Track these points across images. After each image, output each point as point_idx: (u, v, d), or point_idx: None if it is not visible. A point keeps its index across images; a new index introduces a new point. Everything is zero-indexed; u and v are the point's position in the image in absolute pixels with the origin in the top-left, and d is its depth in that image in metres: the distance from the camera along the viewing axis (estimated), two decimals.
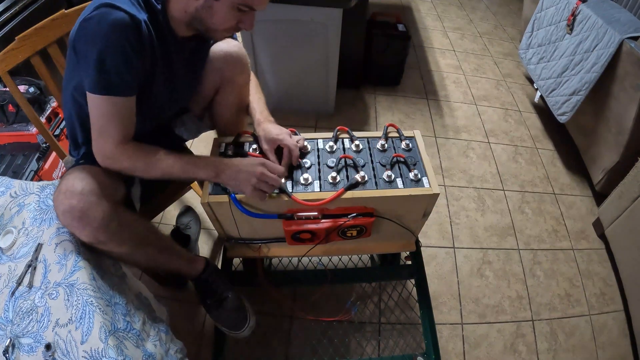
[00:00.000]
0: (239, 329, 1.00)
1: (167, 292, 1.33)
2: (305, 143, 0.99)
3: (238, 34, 1.13)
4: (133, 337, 0.77)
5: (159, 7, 0.78)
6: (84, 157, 0.91)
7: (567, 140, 2.02)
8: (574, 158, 1.99)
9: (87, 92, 0.75)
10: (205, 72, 1.02)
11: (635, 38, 1.46)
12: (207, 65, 1.01)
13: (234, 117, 1.08)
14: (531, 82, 2.53)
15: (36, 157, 1.38)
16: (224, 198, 0.87)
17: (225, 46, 1.01)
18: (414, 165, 0.94)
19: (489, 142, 2.08)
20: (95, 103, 0.76)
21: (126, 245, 0.81)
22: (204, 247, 1.49)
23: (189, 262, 1.01)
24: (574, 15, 1.77)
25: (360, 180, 0.89)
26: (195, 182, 1.34)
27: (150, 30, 0.77)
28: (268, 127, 0.97)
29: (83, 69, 0.74)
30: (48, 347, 0.67)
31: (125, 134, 0.80)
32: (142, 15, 0.74)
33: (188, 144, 1.71)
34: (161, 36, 0.80)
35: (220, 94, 1.06)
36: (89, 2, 0.75)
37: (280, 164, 0.92)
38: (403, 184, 0.90)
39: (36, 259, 0.77)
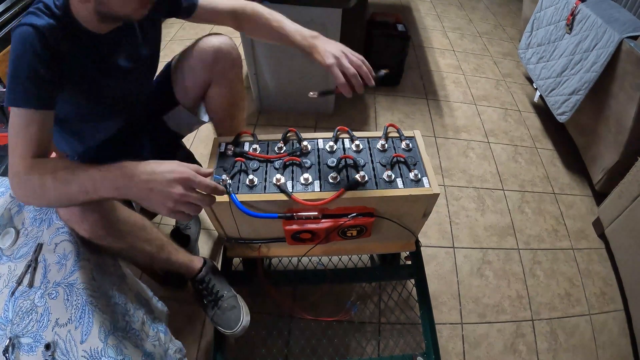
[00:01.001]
0: (232, 328, 1.00)
1: (167, 292, 1.33)
2: (306, 143, 0.99)
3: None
4: (132, 337, 0.77)
5: (59, 12, 0.74)
6: (81, 158, 0.91)
7: (566, 139, 2.02)
8: (573, 157, 1.99)
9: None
10: (194, 66, 1.02)
11: (634, 37, 1.47)
12: (196, 60, 1.01)
13: (228, 111, 1.08)
14: (531, 81, 2.53)
15: None
16: (224, 198, 0.87)
17: (215, 41, 1.01)
18: (414, 165, 0.94)
19: (488, 142, 2.08)
20: (15, 118, 0.71)
21: (125, 241, 0.82)
22: (204, 247, 1.48)
23: (188, 261, 1.01)
24: (573, 14, 1.78)
25: (360, 180, 0.89)
26: None
27: (59, 35, 0.73)
28: (324, 47, 0.89)
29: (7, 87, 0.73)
30: (48, 346, 0.67)
31: (33, 150, 0.70)
32: (43, 21, 0.71)
33: (188, 143, 1.71)
34: (76, 39, 0.77)
35: (212, 88, 1.06)
36: None
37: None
38: (403, 184, 0.90)
39: (36, 259, 0.77)
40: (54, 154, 0.95)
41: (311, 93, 0.83)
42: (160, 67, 1.11)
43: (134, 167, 0.66)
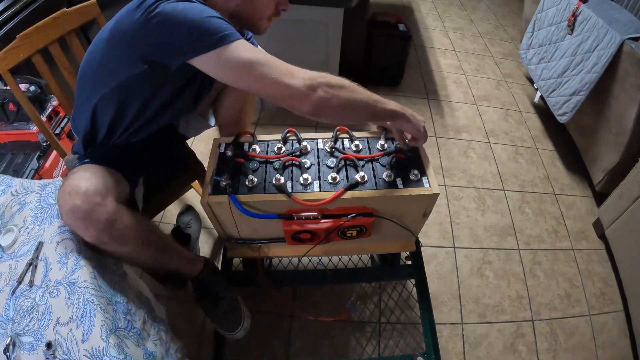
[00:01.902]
0: (232, 331, 1.00)
1: (167, 291, 1.33)
2: (305, 143, 0.99)
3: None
4: (134, 336, 0.77)
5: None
6: (90, 155, 0.91)
7: (567, 140, 2.02)
8: (574, 158, 1.99)
9: (220, 55, 0.71)
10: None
11: (636, 39, 1.46)
12: None
13: (236, 116, 1.09)
14: (531, 82, 2.53)
15: (37, 155, 1.38)
16: (224, 198, 0.87)
17: None
18: (414, 165, 0.94)
19: (489, 142, 2.08)
20: (242, 52, 0.71)
21: (128, 246, 0.82)
22: (204, 246, 1.49)
23: (189, 261, 1.01)
24: (574, 15, 1.77)
25: (360, 180, 0.89)
26: (196, 181, 1.34)
27: None
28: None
29: (185, 46, 0.72)
30: (49, 345, 0.67)
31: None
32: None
33: (188, 143, 1.71)
34: None
35: (224, 93, 1.07)
36: (86, 3, 0.75)
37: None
38: (403, 184, 0.90)
39: (37, 257, 0.77)
40: None
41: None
42: None
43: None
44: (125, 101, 0.87)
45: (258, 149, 0.97)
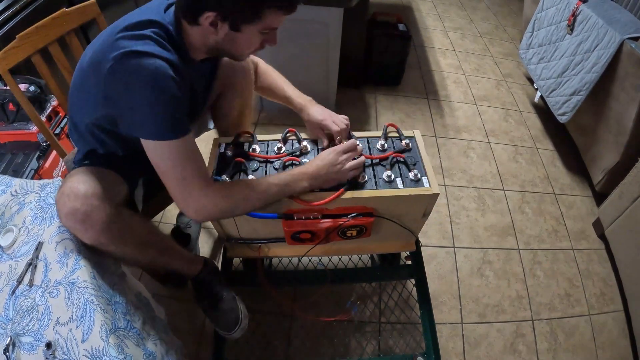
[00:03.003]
0: (230, 330, 1.00)
1: (167, 291, 1.33)
2: (305, 143, 0.99)
3: None
4: (134, 336, 0.77)
5: (178, 41, 0.76)
6: (89, 157, 0.91)
7: (567, 140, 2.02)
8: (574, 158, 1.99)
9: (147, 141, 0.72)
10: None
11: (635, 38, 1.46)
12: None
13: (235, 120, 1.09)
14: (531, 82, 2.53)
15: (36, 155, 1.38)
16: None
17: None
18: (414, 165, 0.94)
19: (489, 142, 2.08)
20: (164, 150, 0.72)
21: (128, 247, 0.81)
22: (204, 246, 1.49)
23: (189, 261, 1.01)
24: (574, 15, 1.77)
25: (360, 180, 0.89)
26: None
27: (180, 67, 0.75)
28: (311, 112, 1.00)
29: (129, 118, 0.72)
30: (49, 345, 0.67)
31: (206, 175, 0.78)
32: (174, 56, 0.73)
33: None
34: (186, 66, 0.79)
35: (222, 98, 1.07)
36: (86, 3, 0.73)
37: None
38: (403, 184, 0.90)
39: (37, 257, 0.77)
40: None
41: None
42: None
43: (309, 167, 0.86)
44: (111, 131, 0.85)
45: (258, 149, 0.97)
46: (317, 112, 0.99)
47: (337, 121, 0.97)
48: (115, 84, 0.69)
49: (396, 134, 1.02)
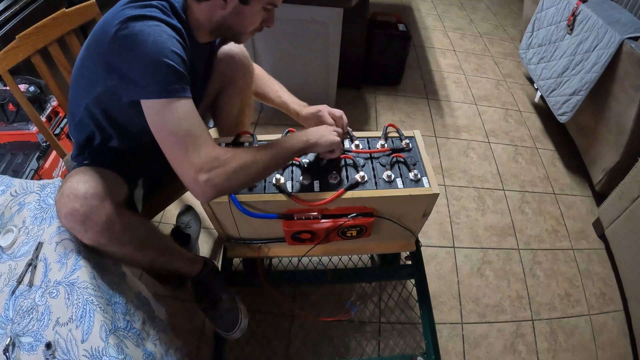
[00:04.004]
0: (230, 331, 1.00)
1: (167, 291, 1.33)
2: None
3: None
4: (133, 336, 0.77)
5: (184, 17, 0.77)
6: (89, 157, 0.90)
7: (567, 140, 2.02)
8: (574, 158, 1.99)
9: (150, 104, 0.69)
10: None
11: (635, 38, 1.46)
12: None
13: (235, 118, 1.09)
14: (531, 82, 2.53)
15: (36, 156, 1.38)
16: (224, 198, 0.87)
17: (227, 48, 1.01)
18: (414, 165, 0.94)
19: (489, 142, 2.08)
20: (167, 109, 0.69)
21: (127, 248, 0.81)
22: (204, 246, 1.49)
23: (188, 262, 1.01)
24: (574, 15, 1.77)
25: (360, 180, 0.89)
26: None
27: (185, 36, 0.75)
28: (307, 109, 1.03)
29: (131, 80, 0.69)
30: (48, 345, 0.67)
31: (212, 139, 0.74)
32: (175, 22, 0.73)
33: None
34: (189, 44, 0.78)
35: (222, 95, 1.07)
36: (86, 3, 0.73)
37: None
38: (403, 184, 0.90)
39: (36, 257, 0.77)
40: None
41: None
42: None
43: (309, 131, 0.88)
44: (108, 112, 0.84)
45: None
46: (313, 107, 1.02)
47: (332, 111, 1.00)
48: (118, 48, 0.68)
49: (396, 134, 1.02)
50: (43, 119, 1.38)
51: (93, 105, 0.82)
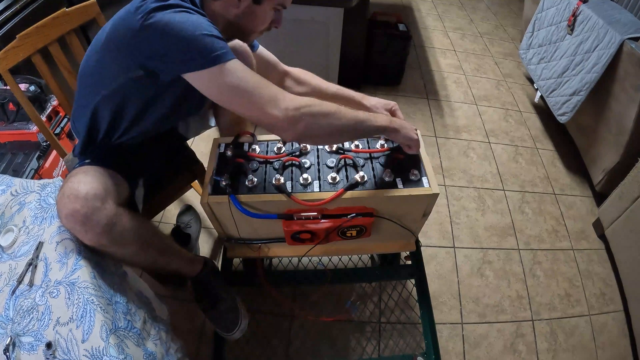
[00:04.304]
0: (229, 331, 1.00)
1: (167, 291, 1.33)
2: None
3: None
4: (134, 336, 0.77)
5: (202, 12, 0.78)
6: (91, 155, 0.90)
7: (567, 140, 2.02)
8: (574, 158, 1.99)
9: (204, 76, 0.71)
10: None
11: (636, 39, 1.46)
12: None
13: (237, 118, 1.08)
14: (531, 82, 2.53)
15: (37, 155, 1.38)
16: (224, 198, 0.87)
17: (230, 44, 1.01)
18: (414, 165, 0.94)
19: (489, 142, 2.08)
20: (228, 72, 0.71)
21: (128, 249, 0.81)
22: (204, 246, 1.49)
23: (189, 262, 1.01)
24: (574, 15, 1.77)
25: (359, 180, 0.89)
26: (196, 181, 1.34)
27: None
28: (375, 103, 1.08)
29: (174, 59, 0.71)
30: (49, 345, 0.67)
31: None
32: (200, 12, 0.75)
33: (189, 142, 1.71)
34: None
35: None
36: (86, 2, 0.73)
37: None
38: (403, 184, 0.90)
39: (37, 257, 0.77)
40: None
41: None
42: None
43: (390, 117, 0.91)
44: (124, 104, 0.86)
45: (258, 149, 0.97)
46: (383, 100, 1.10)
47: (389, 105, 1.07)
48: (150, 35, 0.69)
49: None
50: (43, 118, 1.38)
51: (108, 99, 0.84)
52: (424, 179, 0.91)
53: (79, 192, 0.73)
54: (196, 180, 1.33)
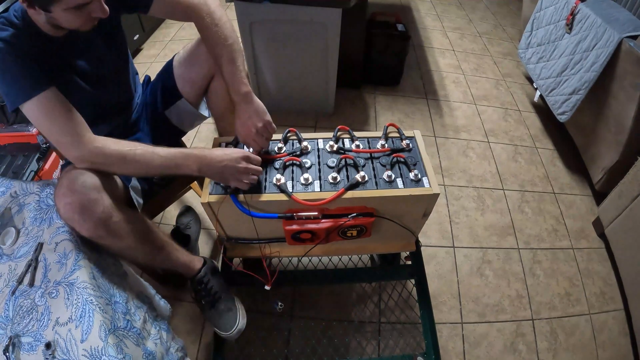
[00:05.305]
0: (227, 331, 1.00)
1: (167, 291, 1.33)
2: (306, 143, 0.99)
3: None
4: (133, 336, 0.77)
5: (20, 23, 0.78)
6: None
7: (566, 139, 2.02)
8: (573, 157, 1.99)
9: (21, 110, 0.76)
10: (198, 58, 1.02)
11: (634, 37, 1.46)
12: (200, 50, 1.01)
13: (229, 105, 1.06)
14: (531, 81, 2.53)
15: (36, 157, 1.38)
16: (224, 198, 0.87)
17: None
18: (414, 165, 0.94)
19: (488, 142, 2.08)
20: (31, 112, 0.76)
21: (125, 241, 0.82)
22: (204, 247, 1.49)
23: (188, 261, 1.01)
24: (573, 14, 1.78)
25: (360, 180, 0.89)
26: (195, 182, 1.34)
27: (24, 40, 0.77)
28: (239, 116, 0.94)
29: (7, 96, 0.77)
30: (48, 345, 0.67)
31: (74, 131, 0.78)
32: (7, 32, 0.75)
33: (189, 142, 1.71)
34: (39, 41, 0.79)
35: (214, 81, 1.06)
36: None
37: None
38: (403, 184, 0.91)
39: (36, 258, 0.77)
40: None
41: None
42: (159, 66, 1.12)
43: (208, 152, 0.85)
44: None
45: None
46: (244, 119, 0.94)
47: (258, 140, 0.94)
48: None
49: (397, 134, 1.02)
50: None
51: None
52: (425, 179, 0.91)
53: (77, 182, 0.75)
54: (195, 181, 1.33)
